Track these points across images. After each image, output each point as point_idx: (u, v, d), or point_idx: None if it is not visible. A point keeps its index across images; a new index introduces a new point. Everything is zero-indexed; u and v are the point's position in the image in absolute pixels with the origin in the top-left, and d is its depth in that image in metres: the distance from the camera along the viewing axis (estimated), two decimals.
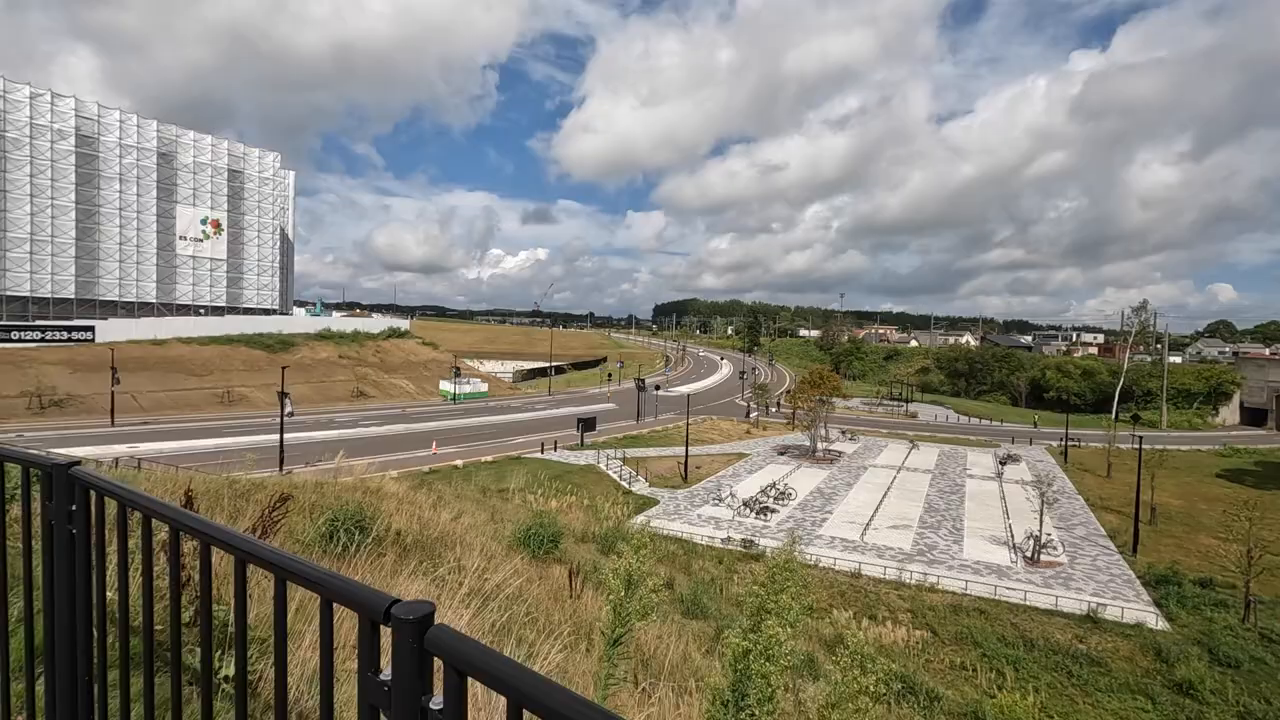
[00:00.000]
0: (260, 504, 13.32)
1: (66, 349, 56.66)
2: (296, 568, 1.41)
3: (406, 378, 79.85)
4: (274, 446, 44.56)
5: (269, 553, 1.47)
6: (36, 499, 2.17)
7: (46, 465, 2.02)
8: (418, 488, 20.93)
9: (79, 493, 1.95)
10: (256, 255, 79.01)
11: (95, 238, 64.64)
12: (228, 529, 1.63)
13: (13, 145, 58.92)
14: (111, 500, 1.91)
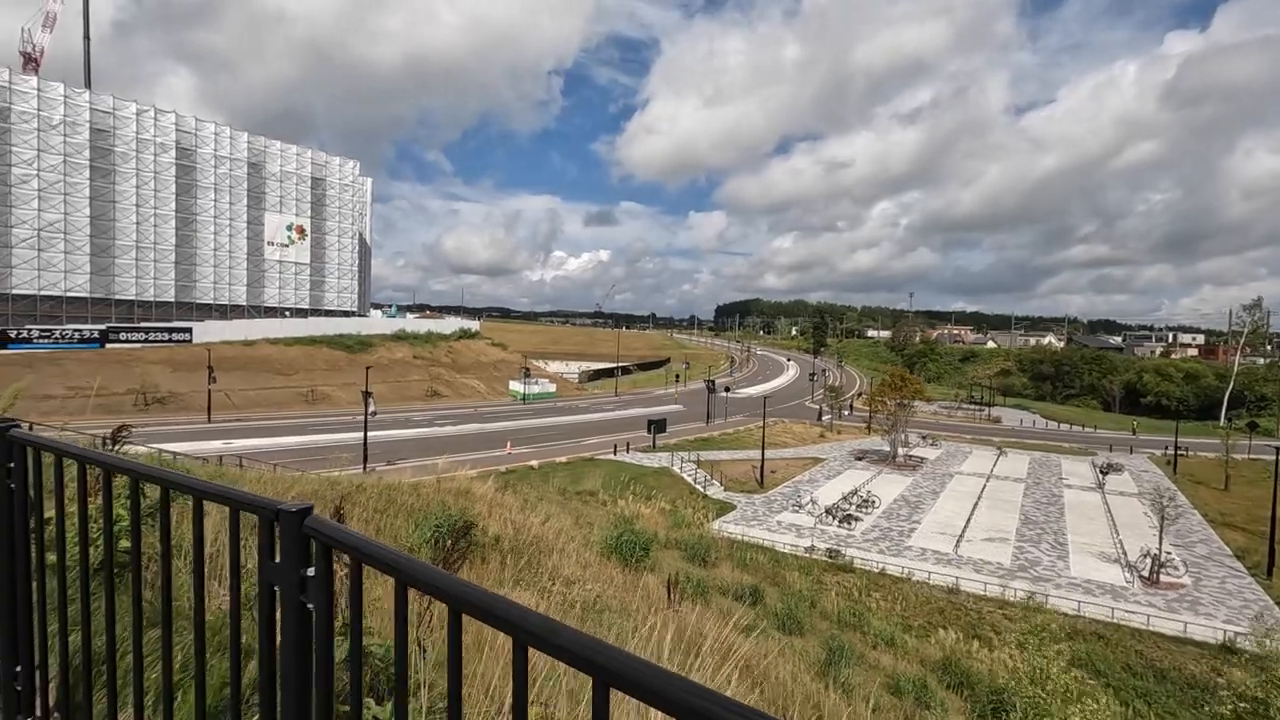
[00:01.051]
0: (364, 506, 13.16)
1: (167, 349, 60.06)
2: (209, 488, 1.70)
3: (477, 378, 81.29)
4: (356, 444, 45.82)
5: (180, 477, 1.75)
6: None
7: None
8: (502, 490, 20.69)
9: (16, 450, 2.18)
10: (337, 259, 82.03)
11: (193, 244, 68.36)
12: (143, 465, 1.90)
13: (121, 159, 62.91)
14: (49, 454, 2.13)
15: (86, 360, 54.50)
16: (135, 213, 63.71)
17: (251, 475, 11.86)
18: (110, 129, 62.16)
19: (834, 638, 16.90)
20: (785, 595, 22.44)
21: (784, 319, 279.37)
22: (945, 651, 20.19)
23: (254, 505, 1.62)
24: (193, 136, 68.27)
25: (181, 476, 1.78)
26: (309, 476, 13.24)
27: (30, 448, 2.21)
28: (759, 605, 20.07)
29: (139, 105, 64.60)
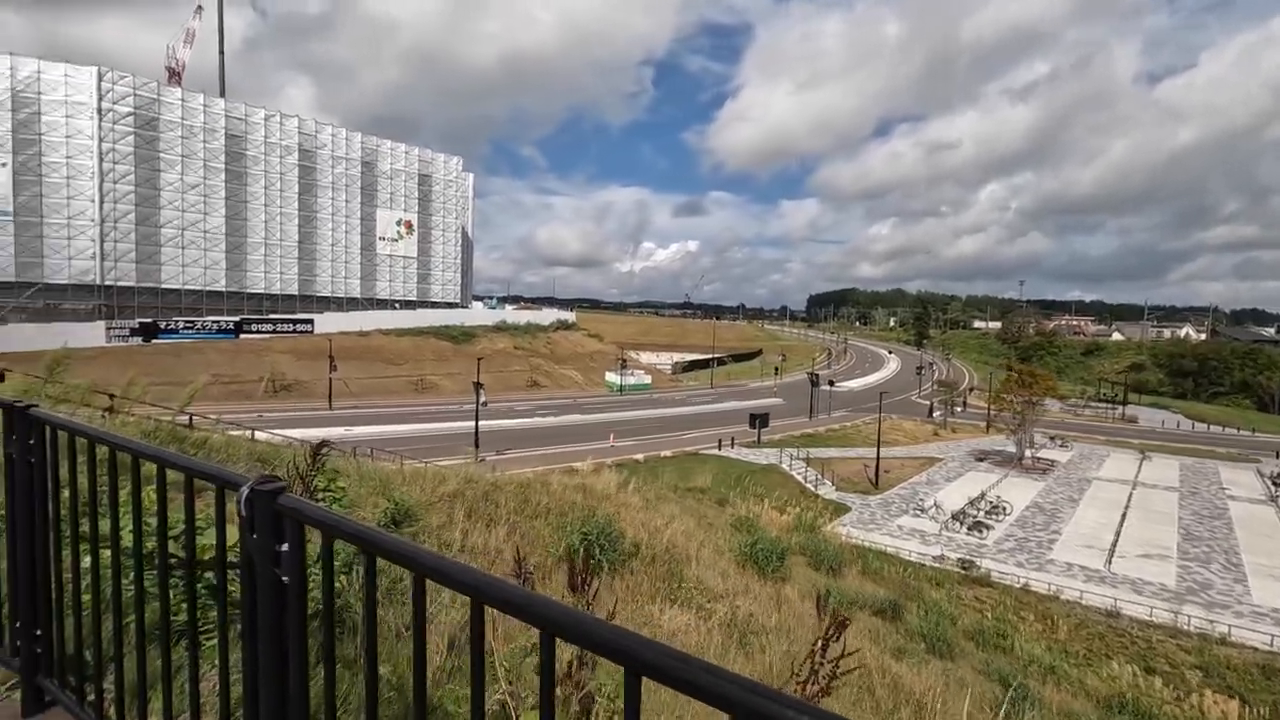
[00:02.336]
0: (503, 506, 12.68)
1: (292, 339, 63.98)
2: (199, 466, 1.88)
3: (575, 368, 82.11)
4: (463, 433, 46.96)
5: (173, 457, 1.95)
6: None
7: (6, 405, 2.44)
8: (621, 486, 19.98)
9: (36, 429, 2.39)
10: (441, 253, 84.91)
11: (313, 240, 72.49)
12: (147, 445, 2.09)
13: (251, 162, 67.40)
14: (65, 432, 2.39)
15: (224, 349, 58.87)
16: (264, 212, 68.14)
17: (409, 471, 11.56)
18: (242, 134, 66.64)
19: (1002, 672, 15.13)
20: (926, 611, 20.67)
21: (881, 309, 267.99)
22: (1121, 688, 17.82)
23: (234, 483, 1.71)
24: (313, 139, 72.22)
25: (174, 456, 1.97)
26: (452, 473, 12.86)
27: (50, 426, 2.45)
28: (899, 621, 18.45)
29: (267, 111, 68.94)
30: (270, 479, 1.61)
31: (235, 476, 1.69)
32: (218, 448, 8.76)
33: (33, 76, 55.19)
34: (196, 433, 10.77)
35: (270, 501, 1.59)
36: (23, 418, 2.51)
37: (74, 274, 56.78)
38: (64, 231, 56.51)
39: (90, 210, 57.03)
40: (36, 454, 2.49)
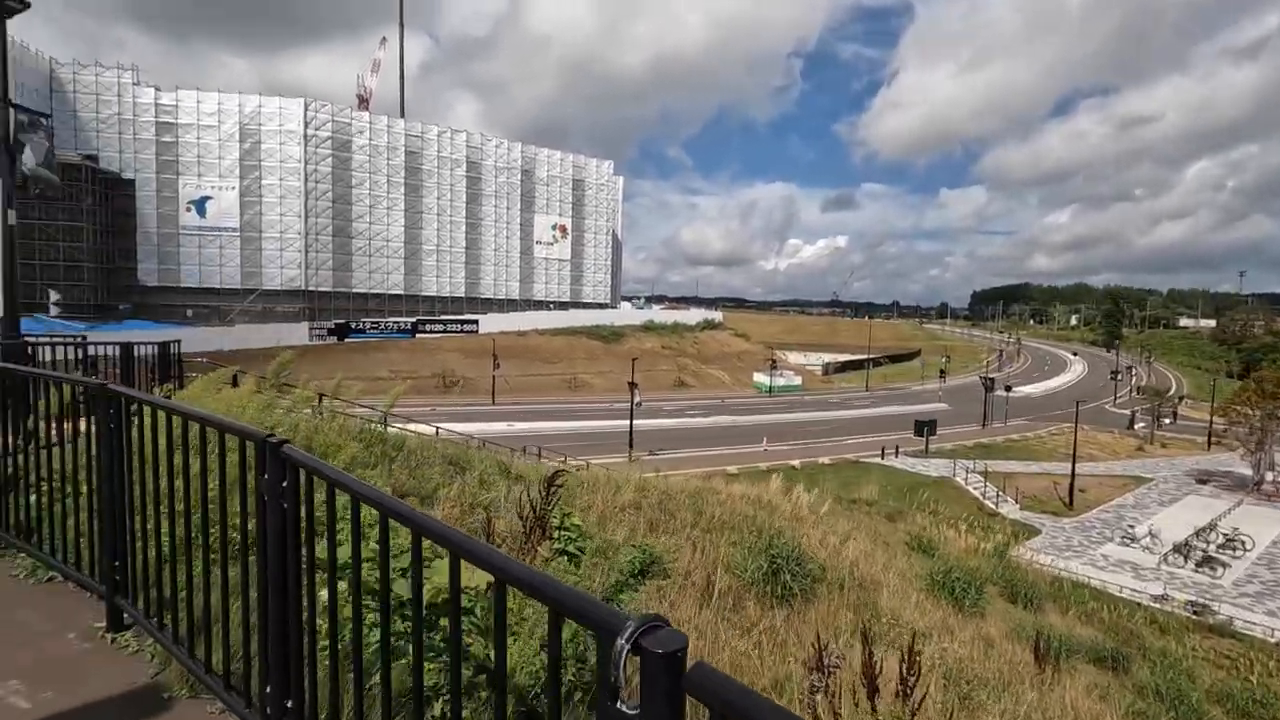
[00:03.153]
0: (679, 517, 12.08)
1: (459, 339, 68.80)
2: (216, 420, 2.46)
3: (721, 368, 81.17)
4: (615, 432, 47.69)
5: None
6: None
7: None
8: (786, 494, 18.76)
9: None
10: (593, 255, 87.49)
11: (478, 246, 77.57)
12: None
13: (426, 175, 73.35)
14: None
15: (403, 348, 64.52)
16: (436, 221, 73.90)
17: (587, 477, 11.34)
18: (419, 150, 72.69)
19: None
20: (1156, 664, 17.49)
21: (1060, 306, 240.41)
22: None
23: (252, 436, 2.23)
24: (479, 151, 77.23)
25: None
26: (624, 481, 12.46)
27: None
28: (1125, 674, 15.65)
29: (439, 129, 74.69)
30: None
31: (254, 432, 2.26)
32: (414, 449, 8.91)
33: (255, 111, 63.72)
34: (390, 430, 11.04)
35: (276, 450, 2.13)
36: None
37: (285, 281, 64.87)
38: (277, 244, 64.73)
39: (297, 225, 64.84)
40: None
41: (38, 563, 3.94)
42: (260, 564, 2.31)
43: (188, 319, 61.40)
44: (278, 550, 2.19)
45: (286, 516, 2.15)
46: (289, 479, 2.16)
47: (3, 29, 9.22)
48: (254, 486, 2.35)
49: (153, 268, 62.02)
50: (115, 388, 3.15)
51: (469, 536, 1.65)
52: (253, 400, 6.70)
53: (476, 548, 1.57)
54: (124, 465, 3.16)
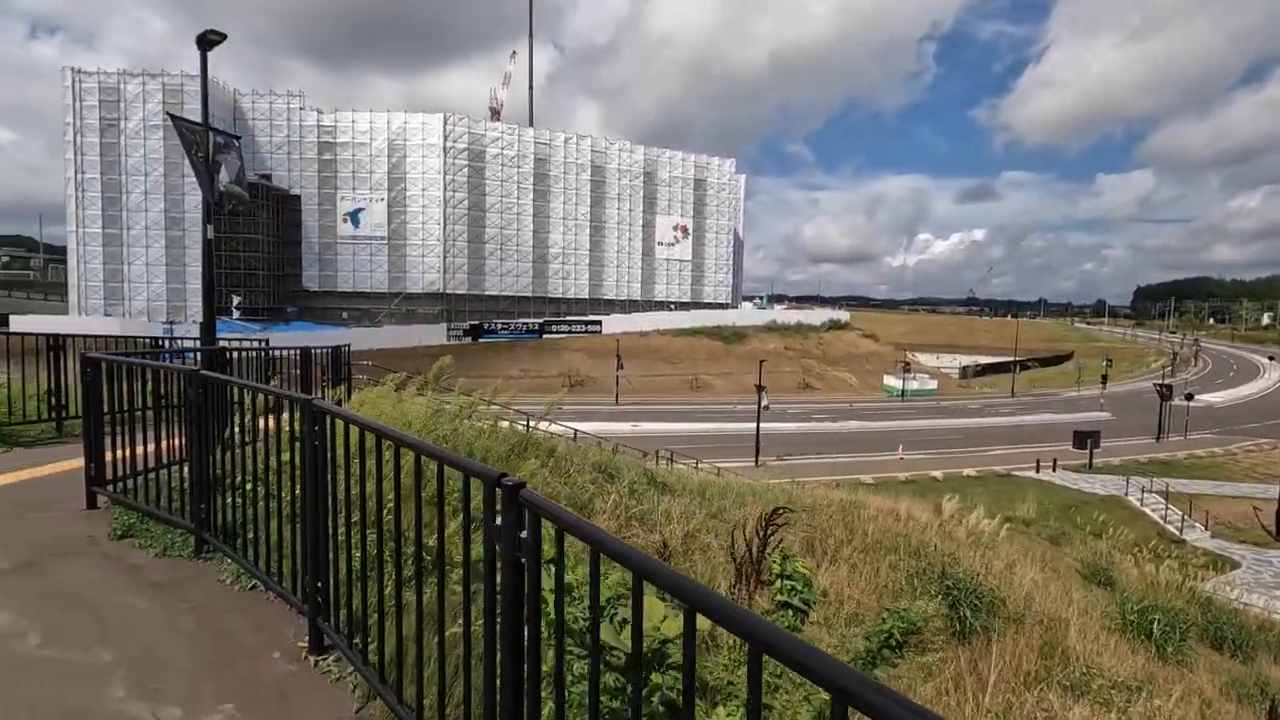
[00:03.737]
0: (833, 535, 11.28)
1: (584, 339, 70.51)
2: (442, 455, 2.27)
3: (848, 370, 77.73)
4: (738, 435, 46.73)
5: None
6: None
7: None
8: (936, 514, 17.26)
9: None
10: (714, 254, 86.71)
11: (601, 248, 79.20)
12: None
13: (553, 181, 75.83)
14: None
15: (531, 347, 67.07)
16: (562, 225, 76.24)
17: (733, 486, 10.87)
18: (547, 157, 75.30)
19: None
20: None
21: (1248, 302, 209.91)
22: None
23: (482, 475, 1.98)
24: (603, 155, 78.80)
25: None
26: (768, 491, 11.84)
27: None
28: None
29: (566, 135, 76.99)
30: None
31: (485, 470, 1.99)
32: (563, 454, 8.81)
33: (401, 127, 68.66)
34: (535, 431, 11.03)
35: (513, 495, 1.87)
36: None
37: (425, 285, 69.40)
38: (419, 251, 69.38)
39: (437, 232, 69.15)
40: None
41: (241, 569, 4.00)
42: (487, 621, 2.00)
43: (343, 320, 67.27)
44: (512, 608, 1.86)
45: (526, 574, 1.81)
46: (529, 531, 1.84)
47: (204, 59, 10.08)
48: None
49: (314, 274, 68.50)
50: (322, 404, 3.04)
51: None
52: (421, 407, 6.77)
53: None
54: (329, 487, 3.04)
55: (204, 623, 3.49)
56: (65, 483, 5.87)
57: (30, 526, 4.77)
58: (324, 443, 3.03)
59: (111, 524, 4.82)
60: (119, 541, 4.56)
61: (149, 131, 60.11)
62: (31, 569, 4.03)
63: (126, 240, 61.23)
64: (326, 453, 3.03)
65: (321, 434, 3.03)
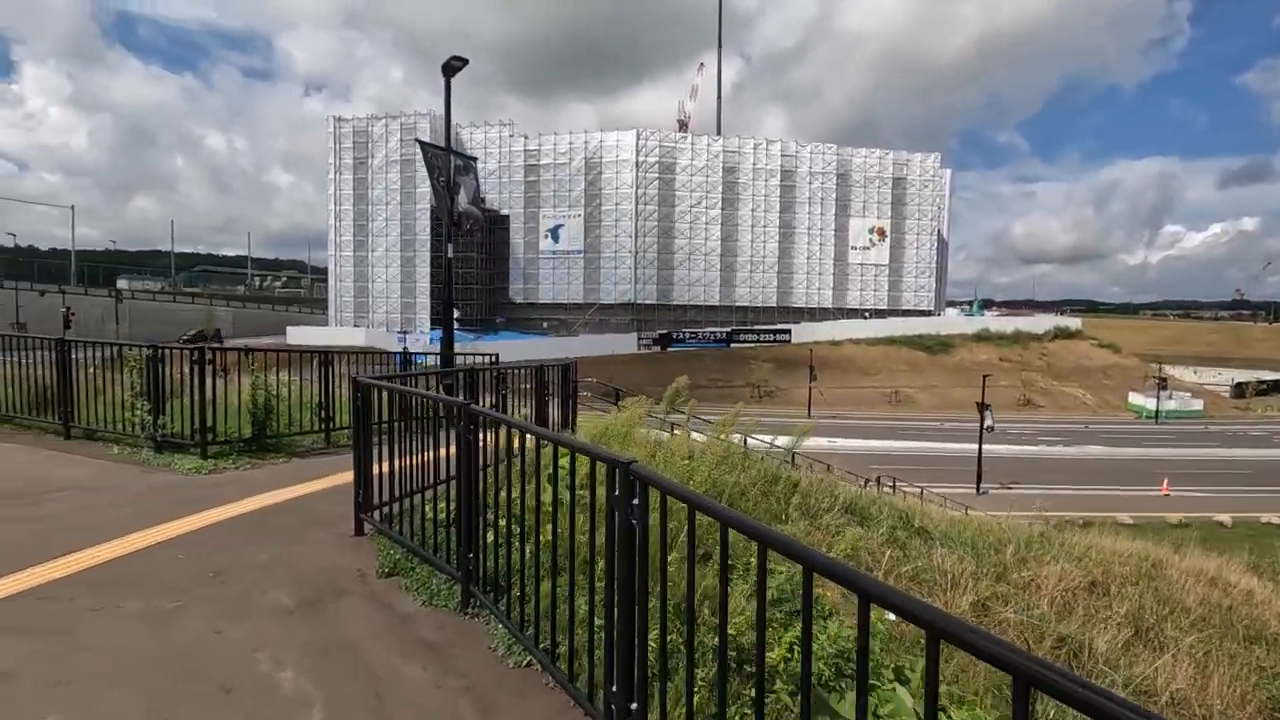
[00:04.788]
0: (1150, 610, 8.94)
1: (772, 348, 68.56)
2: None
3: (1080, 385, 67.44)
4: (950, 457, 42.13)
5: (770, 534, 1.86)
6: None
7: (616, 461, 2.47)
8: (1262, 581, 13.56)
9: (639, 487, 2.35)
10: (915, 258, 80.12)
11: (790, 255, 76.66)
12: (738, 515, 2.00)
13: (741, 189, 74.91)
14: None
15: (718, 356, 66.54)
16: (750, 232, 75.00)
17: (1006, 531, 9.05)
18: (735, 165, 74.62)
19: None
20: None
21: None
22: None
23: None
24: (793, 159, 76.34)
25: None
26: (1040, 541, 9.70)
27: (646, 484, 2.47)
28: None
29: (755, 141, 75.76)
30: None
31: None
32: (808, 491, 7.74)
33: (597, 145, 71.99)
34: (762, 461, 10.04)
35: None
36: None
37: (617, 295, 71.92)
38: (612, 263, 72.11)
39: (629, 244, 71.41)
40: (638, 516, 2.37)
41: (512, 637, 3.47)
42: None
43: (543, 330, 71.89)
44: None
45: None
46: None
47: (448, 85, 10.46)
48: None
49: (519, 287, 74.02)
50: (642, 471, 2.37)
51: None
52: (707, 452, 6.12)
53: None
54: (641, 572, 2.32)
55: (482, 714, 2.94)
56: (336, 499, 5.97)
57: (310, 550, 4.75)
58: (643, 518, 2.30)
59: (378, 556, 4.64)
60: (386, 580, 4.32)
61: (390, 166, 68.98)
62: (312, 610, 3.84)
63: (371, 261, 70.75)
64: (644, 533, 2.30)
65: (642, 508, 2.30)
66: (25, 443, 7.68)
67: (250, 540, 4.85)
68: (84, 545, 4.62)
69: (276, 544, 4.81)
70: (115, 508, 5.47)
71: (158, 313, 76.29)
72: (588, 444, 2.76)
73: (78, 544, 4.63)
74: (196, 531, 5.00)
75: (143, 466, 6.86)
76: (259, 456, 7.48)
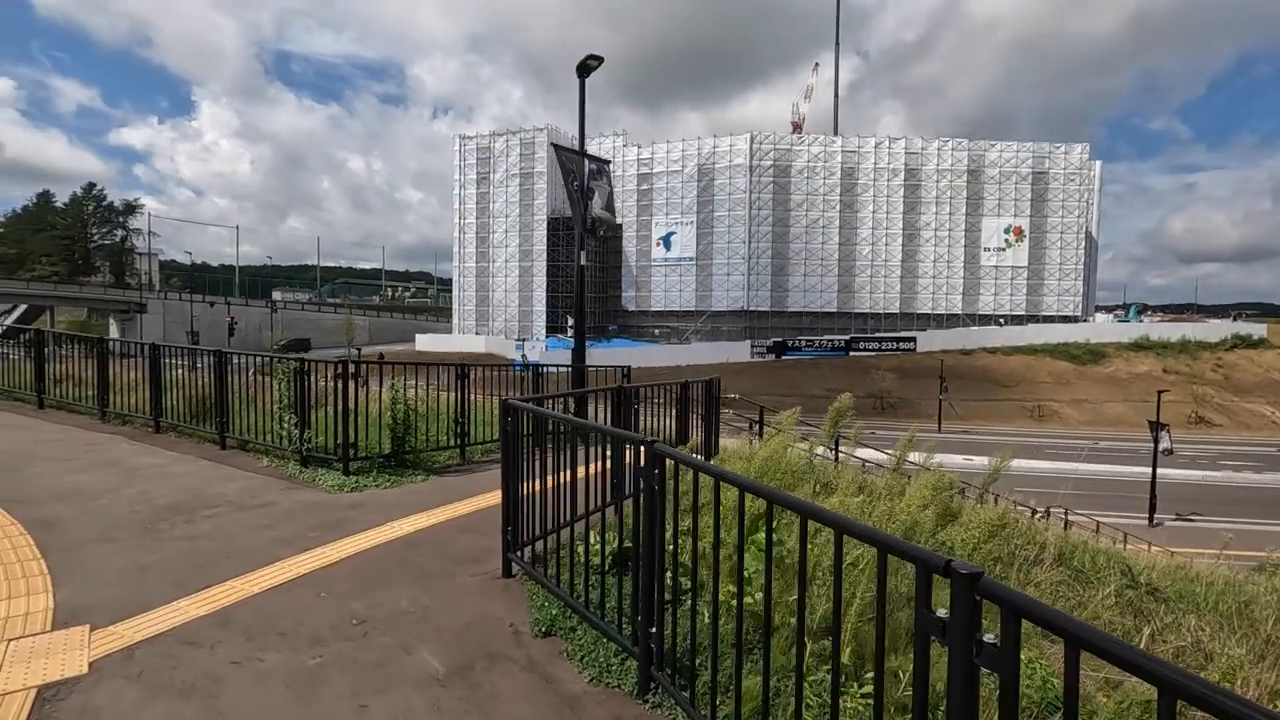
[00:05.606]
0: None
1: (895, 357, 64.62)
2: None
3: (1268, 403, 58.53)
4: (1108, 481, 37.64)
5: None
6: None
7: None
8: None
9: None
10: (1058, 259, 73.01)
11: (915, 258, 72.13)
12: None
13: (861, 190, 71.44)
14: None
15: (836, 365, 63.57)
16: (870, 235, 71.31)
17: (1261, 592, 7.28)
18: (854, 166, 71.28)
19: None
20: None
21: None
22: None
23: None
24: (918, 157, 71.88)
25: None
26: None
27: None
28: None
29: (877, 139, 72.08)
30: None
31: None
32: (1073, 556, 6.47)
33: (710, 152, 71.19)
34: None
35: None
36: None
37: (730, 303, 70.63)
38: (725, 269, 70.93)
39: (741, 250, 69.98)
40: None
41: None
42: None
43: (654, 337, 71.83)
44: None
45: None
46: None
47: (583, 86, 10.00)
48: None
49: (631, 295, 74.46)
50: (995, 587, 1.45)
51: None
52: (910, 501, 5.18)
53: None
54: None
55: None
56: (478, 528, 5.50)
57: (456, 594, 4.23)
58: (1012, 660, 1.45)
59: (531, 607, 4.04)
60: (543, 640, 3.68)
61: (509, 180, 71.62)
62: (463, 680, 3.26)
63: (491, 271, 73.70)
64: None
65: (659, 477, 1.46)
66: (187, 451, 7.88)
67: (392, 579, 4.40)
68: (229, 575, 4.35)
69: (419, 585, 4.33)
70: (262, 530, 5.26)
71: (305, 321, 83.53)
72: (893, 538, 1.90)
73: (224, 573, 4.37)
74: (339, 564, 4.64)
75: (289, 481, 6.76)
76: (397, 474, 7.24)
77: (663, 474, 2.95)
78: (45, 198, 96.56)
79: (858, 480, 7.21)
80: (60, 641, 3.48)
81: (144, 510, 5.63)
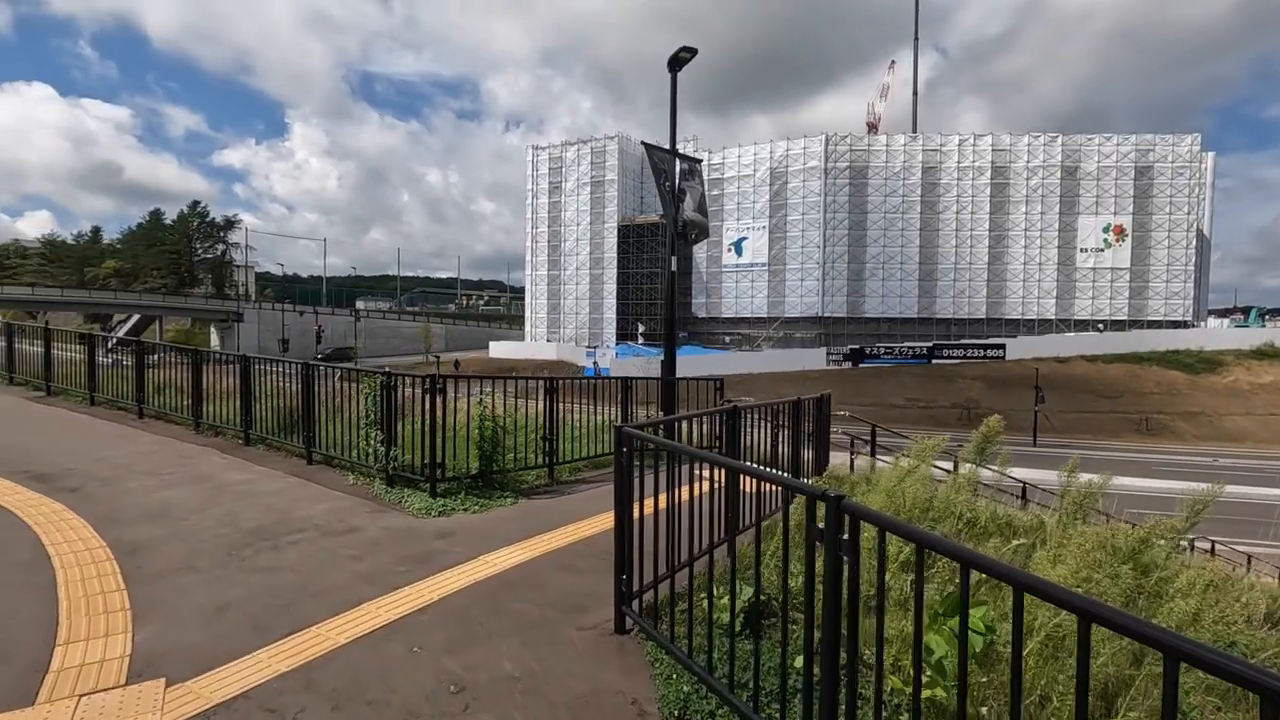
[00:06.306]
0: None
1: (982, 365, 61.10)
2: None
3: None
4: (1236, 504, 33.94)
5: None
6: None
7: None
8: None
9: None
10: (1166, 260, 67.40)
11: (1003, 261, 68.16)
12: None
13: (943, 190, 68.13)
14: None
15: (916, 374, 60.66)
16: (954, 237, 67.84)
17: None
18: (936, 165, 68.08)
19: None
20: None
21: None
22: None
23: None
24: (1006, 154, 68.02)
25: None
26: None
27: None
28: None
29: (960, 137, 68.66)
30: None
31: None
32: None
33: (783, 155, 69.60)
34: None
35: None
36: None
37: (803, 309, 68.67)
38: (798, 275, 69.06)
39: (816, 255, 67.96)
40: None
41: None
42: None
43: (725, 344, 70.61)
44: None
45: None
46: None
47: (674, 80, 9.39)
48: None
49: (702, 301, 73.52)
50: None
51: None
52: None
53: None
54: None
55: None
56: (576, 565, 4.92)
57: (563, 656, 3.62)
58: None
59: (655, 678, 3.39)
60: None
61: (580, 189, 72.17)
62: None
63: (563, 280, 74.37)
64: None
65: None
66: (275, 466, 7.70)
67: (490, 632, 3.85)
68: (314, 619, 3.90)
69: (521, 640, 3.76)
70: (348, 562, 4.84)
71: (386, 329, 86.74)
72: None
73: (308, 616, 3.93)
74: (430, 607, 4.13)
75: (375, 503, 6.39)
76: (485, 496, 6.78)
77: (855, 540, 2.24)
78: (156, 215, 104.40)
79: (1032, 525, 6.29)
80: (134, 700, 3.08)
81: (229, 534, 5.33)
